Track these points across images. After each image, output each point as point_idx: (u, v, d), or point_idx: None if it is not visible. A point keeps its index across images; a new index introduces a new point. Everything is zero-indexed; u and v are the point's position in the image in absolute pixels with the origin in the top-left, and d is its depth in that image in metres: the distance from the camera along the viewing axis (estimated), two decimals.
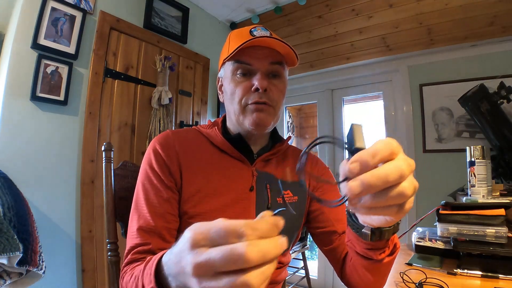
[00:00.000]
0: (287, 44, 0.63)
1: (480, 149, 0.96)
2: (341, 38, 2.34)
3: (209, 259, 0.25)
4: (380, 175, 0.28)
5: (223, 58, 0.69)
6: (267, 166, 0.71)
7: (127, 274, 0.53)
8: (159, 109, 2.06)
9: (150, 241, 0.57)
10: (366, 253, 0.50)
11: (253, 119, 0.64)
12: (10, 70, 1.45)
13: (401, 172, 0.29)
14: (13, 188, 1.19)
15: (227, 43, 0.69)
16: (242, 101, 0.65)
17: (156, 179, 0.62)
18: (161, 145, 0.65)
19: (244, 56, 0.64)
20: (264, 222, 0.27)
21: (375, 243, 0.47)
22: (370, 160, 0.29)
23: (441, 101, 1.97)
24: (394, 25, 2.09)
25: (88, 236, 1.67)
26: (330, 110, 2.56)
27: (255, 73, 0.65)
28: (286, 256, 0.72)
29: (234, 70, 0.66)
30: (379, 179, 0.28)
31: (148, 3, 2.05)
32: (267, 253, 0.25)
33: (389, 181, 0.28)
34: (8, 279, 0.93)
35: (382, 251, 0.49)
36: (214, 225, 0.26)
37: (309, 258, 3.08)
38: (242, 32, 0.67)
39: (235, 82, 0.66)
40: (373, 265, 0.52)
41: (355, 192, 0.29)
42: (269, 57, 0.65)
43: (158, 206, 0.60)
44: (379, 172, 0.28)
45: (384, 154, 0.29)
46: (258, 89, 0.63)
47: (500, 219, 0.77)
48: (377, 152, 0.29)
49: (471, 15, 1.82)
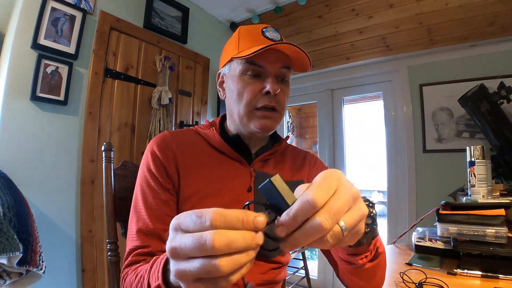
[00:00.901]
0: (304, 52, 0.61)
1: (480, 149, 0.96)
2: (341, 38, 2.34)
3: (180, 244, 0.27)
4: (301, 237, 0.29)
5: (229, 55, 0.67)
6: (265, 166, 0.71)
7: (129, 275, 0.53)
8: (159, 109, 2.06)
9: (150, 244, 0.58)
10: (348, 258, 0.51)
11: (259, 124, 0.64)
12: (10, 70, 1.45)
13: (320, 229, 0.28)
14: (13, 188, 1.19)
15: (235, 40, 0.67)
16: (251, 103, 0.64)
17: (153, 181, 0.62)
18: (158, 147, 0.65)
19: (256, 57, 0.62)
20: (232, 212, 0.27)
21: (356, 249, 0.48)
22: (293, 224, 0.29)
23: (441, 101, 1.97)
24: (394, 25, 2.09)
25: (88, 236, 1.67)
26: (330, 110, 2.56)
27: (266, 76, 0.64)
28: (285, 256, 0.72)
29: (244, 70, 0.64)
30: (300, 241, 0.29)
31: (148, 3, 2.05)
32: (233, 243, 0.26)
33: (311, 239, 0.28)
34: (8, 279, 0.93)
35: (363, 256, 0.50)
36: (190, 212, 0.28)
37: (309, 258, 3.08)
38: (253, 32, 0.65)
39: (244, 83, 0.64)
40: (357, 269, 0.53)
41: (285, 250, 0.30)
42: (280, 61, 0.64)
43: (156, 209, 0.60)
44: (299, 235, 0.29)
45: (305, 214, 0.28)
46: (269, 92, 0.62)
47: (500, 219, 0.77)
48: (296, 216, 0.28)
49: (471, 15, 1.82)
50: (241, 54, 0.63)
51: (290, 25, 2.53)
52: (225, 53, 0.71)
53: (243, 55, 0.62)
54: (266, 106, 0.63)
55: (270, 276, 0.67)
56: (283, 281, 0.77)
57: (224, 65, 0.70)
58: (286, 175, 0.73)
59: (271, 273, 0.68)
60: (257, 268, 0.65)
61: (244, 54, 0.62)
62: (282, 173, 0.72)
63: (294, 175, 0.74)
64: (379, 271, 0.57)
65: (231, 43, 0.68)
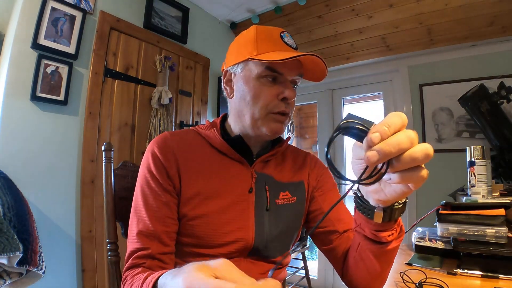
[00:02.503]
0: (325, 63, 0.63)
1: (480, 149, 0.96)
2: (341, 38, 2.34)
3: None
4: (393, 143, 0.33)
5: (244, 54, 0.65)
6: (266, 167, 0.71)
7: (128, 281, 0.53)
8: (159, 109, 2.06)
9: (150, 246, 0.57)
10: (375, 235, 0.51)
11: (271, 128, 0.64)
12: (10, 70, 1.45)
13: (411, 139, 0.33)
14: (13, 188, 1.19)
15: (253, 40, 0.64)
16: (268, 107, 0.63)
17: (154, 183, 0.62)
18: (159, 148, 0.64)
19: (279, 64, 0.62)
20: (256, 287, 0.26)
21: (385, 224, 0.49)
22: (387, 131, 0.33)
23: (441, 101, 1.97)
24: (394, 25, 2.09)
25: (88, 236, 1.67)
26: (330, 110, 2.56)
27: (283, 81, 0.64)
28: (285, 257, 0.72)
29: (262, 73, 0.63)
30: (393, 146, 0.32)
31: (148, 3, 2.05)
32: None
33: (401, 148, 0.33)
34: (8, 279, 0.93)
35: (390, 233, 0.51)
36: (207, 283, 0.26)
37: (309, 258, 3.08)
38: (273, 35, 0.64)
39: (261, 86, 0.63)
40: (381, 249, 0.53)
41: (373, 160, 0.33)
42: (296, 69, 0.64)
43: (157, 210, 0.60)
44: (392, 141, 0.33)
45: (397, 125, 0.34)
46: (286, 98, 0.63)
47: (500, 219, 0.77)
48: (391, 124, 0.34)
49: (471, 15, 1.82)
50: (263, 57, 0.61)
51: (290, 25, 2.53)
52: (237, 51, 0.67)
53: (267, 59, 0.60)
54: (282, 112, 0.64)
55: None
56: (283, 281, 0.78)
57: (236, 63, 0.67)
58: (286, 175, 0.73)
59: None
60: (257, 268, 0.65)
61: (268, 58, 0.60)
62: (283, 174, 0.72)
63: (295, 176, 0.74)
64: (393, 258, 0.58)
65: (248, 42, 0.65)
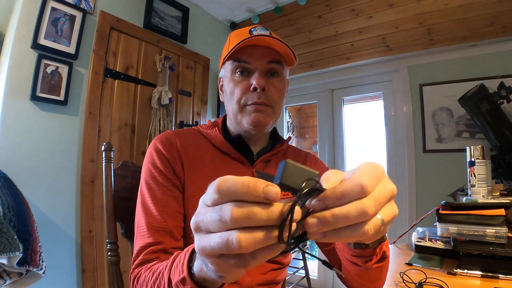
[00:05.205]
0: (284, 42, 0.63)
1: (480, 149, 0.96)
2: (341, 38, 2.34)
3: (202, 219, 0.28)
4: (340, 216, 0.26)
5: (223, 58, 0.69)
6: (267, 167, 0.71)
7: (143, 274, 0.50)
8: (159, 109, 2.06)
9: (163, 240, 0.56)
10: (353, 259, 0.50)
11: (251, 120, 0.64)
12: (10, 70, 1.45)
13: (363, 212, 0.26)
14: (13, 188, 1.19)
15: (227, 43, 0.70)
16: (241, 101, 0.65)
17: (161, 177, 0.61)
18: (163, 145, 0.64)
19: (242, 54, 0.64)
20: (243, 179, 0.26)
21: (361, 251, 0.47)
22: (336, 203, 0.27)
23: (441, 101, 1.97)
24: (394, 25, 2.09)
25: (88, 236, 1.67)
26: (330, 110, 2.56)
27: (254, 72, 0.65)
28: (286, 257, 0.72)
29: (233, 69, 0.66)
30: (338, 220, 0.26)
31: (148, 3, 2.05)
32: (252, 214, 0.25)
33: (350, 222, 0.27)
34: (8, 279, 0.93)
35: (369, 259, 0.48)
36: (241, 177, 0.27)
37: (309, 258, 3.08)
38: (242, 32, 0.67)
39: (234, 81, 0.66)
40: (362, 271, 0.52)
41: (311, 230, 0.27)
42: (267, 56, 0.64)
43: (166, 205, 0.59)
44: (339, 212, 0.26)
45: (352, 197, 0.27)
46: (256, 88, 0.63)
47: (500, 219, 0.77)
48: (344, 195, 0.27)
49: (471, 15, 1.82)
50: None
51: (290, 25, 2.53)
52: (221, 57, 0.73)
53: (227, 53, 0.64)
54: (255, 103, 0.64)
55: (270, 276, 0.67)
56: (283, 281, 0.78)
57: (220, 68, 0.73)
58: None
59: (272, 273, 0.68)
60: (257, 268, 0.65)
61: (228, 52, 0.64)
62: None
63: None
64: (384, 273, 0.56)
65: (225, 46, 0.71)
